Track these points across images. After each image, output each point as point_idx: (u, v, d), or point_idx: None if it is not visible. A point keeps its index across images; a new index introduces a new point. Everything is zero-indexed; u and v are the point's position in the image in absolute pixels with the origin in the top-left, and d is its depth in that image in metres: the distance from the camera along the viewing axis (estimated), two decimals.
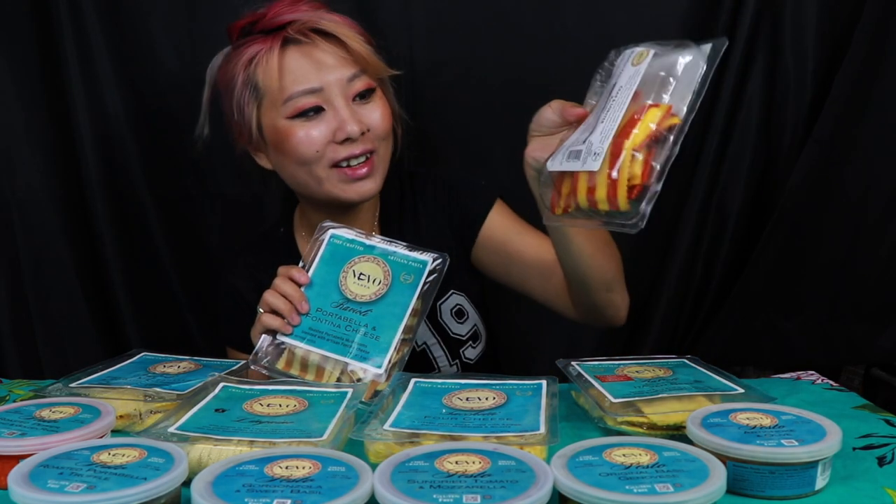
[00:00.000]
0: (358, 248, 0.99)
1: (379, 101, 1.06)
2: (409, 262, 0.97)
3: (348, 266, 0.98)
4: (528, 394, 0.84)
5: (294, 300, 0.95)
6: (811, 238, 1.33)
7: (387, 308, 0.95)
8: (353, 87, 1.03)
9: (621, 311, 1.08)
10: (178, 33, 1.28)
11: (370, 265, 0.97)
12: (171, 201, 1.35)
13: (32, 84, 1.29)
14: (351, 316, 0.95)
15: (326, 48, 1.02)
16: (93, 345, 1.36)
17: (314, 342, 0.94)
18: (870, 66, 1.24)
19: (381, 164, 1.07)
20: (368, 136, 1.03)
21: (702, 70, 0.79)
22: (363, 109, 1.04)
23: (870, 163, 1.30)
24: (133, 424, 0.85)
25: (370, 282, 0.96)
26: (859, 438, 0.82)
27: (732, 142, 1.32)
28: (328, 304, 0.96)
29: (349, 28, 1.04)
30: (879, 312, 1.36)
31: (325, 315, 0.95)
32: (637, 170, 0.78)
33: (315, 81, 1.01)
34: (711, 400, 0.83)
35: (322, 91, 1.02)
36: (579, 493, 0.62)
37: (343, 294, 0.96)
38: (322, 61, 1.01)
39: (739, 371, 1.42)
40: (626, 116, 0.79)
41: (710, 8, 1.28)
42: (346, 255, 0.98)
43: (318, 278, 0.97)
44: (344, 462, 0.67)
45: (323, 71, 1.01)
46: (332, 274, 0.97)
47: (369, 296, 0.96)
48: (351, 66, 1.02)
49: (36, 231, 1.31)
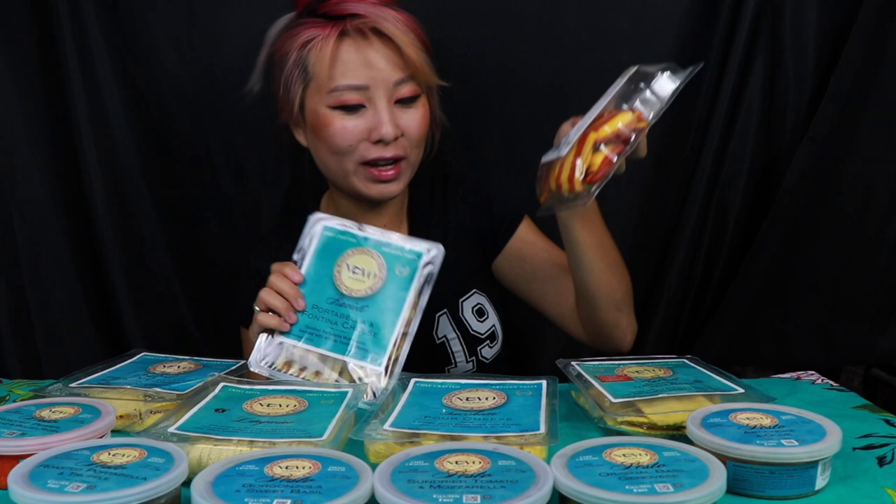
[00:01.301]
0: (350, 239, 0.98)
1: (420, 108, 1.06)
2: (403, 254, 0.96)
3: (342, 259, 0.97)
4: (528, 394, 0.84)
5: (290, 298, 0.94)
6: (811, 238, 1.33)
7: (383, 303, 0.94)
8: (398, 91, 1.04)
9: (627, 335, 1.10)
10: (178, 33, 1.28)
11: (364, 258, 0.96)
12: (171, 201, 1.35)
13: (32, 84, 1.29)
14: (347, 312, 0.94)
15: (380, 49, 1.02)
16: (93, 345, 1.36)
17: (312, 340, 0.94)
18: (868, 65, 1.25)
19: (409, 169, 1.08)
20: (402, 142, 1.05)
21: (676, 87, 0.90)
22: (403, 114, 1.05)
23: (870, 163, 1.30)
24: (133, 424, 0.85)
25: (365, 276, 0.95)
26: (859, 438, 0.82)
27: (732, 142, 1.32)
28: (324, 301, 0.95)
29: (408, 31, 1.04)
30: (879, 312, 1.36)
31: (322, 312, 0.95)
32: (598, 160, 0.87)
33: (362, 79, 1.02)
34: (711, 400, 0.83)
35: (367, 90, 1.03)
36: (579, 493, 0.62)
37: (338, 290, 0.95)
38: (373, 61, 1.02)
39: (739, 371, 1.42)
40: (602, 115, 0.90)
41: (710, 8, 1.28)
42: (339, 248, 0.97)
43: (312, 274, 0.96)
44: (344, 462, 0.67)
45: (372, 70, 1.02)
46: (325, 268, 0.96)
47: (364, 290, 0.95)
48: (401, 70, 1.03)
49: (36, 231, 1.31)
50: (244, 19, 1.28)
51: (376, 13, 1.03)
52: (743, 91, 1.30)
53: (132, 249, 1.34)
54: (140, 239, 1.35)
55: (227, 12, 1.28)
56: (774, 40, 1.29)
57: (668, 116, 1.31)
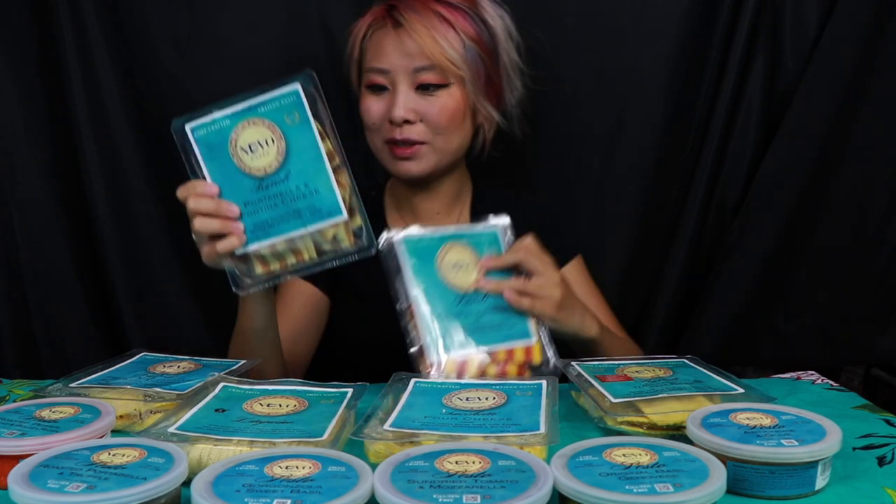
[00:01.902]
0: (225, 123, 0.90)
1: (445, 97, 1.08)
2: (281, 102, 0.89)
3: (232, 147, 0.90)
4: (528, 394, 0.84)
5: (222, 213, 0.90)
6: (811, 238, 1.33)
7: (298, 158, 0.89)
8: (419, 77, 1.07)
9: None
10: (178, 33, 1.28)
11: (251, 130, 0.90)
12: (171, 201, 1.35)
13: (32, 84, 1.29)
14: (277, 190, 0.90)
15: (413, 35, 1.06)
16: (93, 345, 1.36)
17: (269, 234, 0.90)
18: (865, 65, 1.25)
19: (433, 154, 1.10)
20: (419, 127, 1.08)
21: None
22: (423, 100, 1.08)
23: (870, 162, 1.30)
24: (133, 424, 0.85)
25: (264, 146, 0.90)
26: (859, 438, 0.82)
27: (732, 142, 1.32)
28: (249, 193, 0.90)
29: (441, 23, 1.07)
30: (879, 312, 1.36)
31: (255, 205, 0.90)
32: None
33: (386, 63, 1.08)
34: (711, 400, 0.83)
35: (389, 73, 1.08)
36: (579, 493, 0.62)
37: (251, 176, 0.90)
38: (402, 47, 1.06)
39: (739, 371, 1.42)
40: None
41: (710, 8, 1.28)
42: (222, 138, 0.90)
43: (216, 178, 0.91)
44: (344, 462, 0.67)
45: (397, 56, 1.07)
46: (225, 165, 0.90)
47: (274, 161, 0.90)
48: (425, 58, 1.06)
49: (36, 231, 1.31)
50: (244, 19, 1.28)
51: (408, 5, 1.07)
52: (743, 91, 1.30)
53: (132, 249, 1.34)
54: (140, 239, 1.34)
55: (227, 12, 1.28)
56: (774, 40, 1.29)
57: (669, 116, 1.33)
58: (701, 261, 1.37)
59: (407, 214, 1.19)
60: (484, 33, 1.10)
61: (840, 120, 1.27)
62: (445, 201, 1.19)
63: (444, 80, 1.08)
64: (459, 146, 1.13)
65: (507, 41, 1.14)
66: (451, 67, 1.07)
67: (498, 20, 1.13)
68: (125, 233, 1.33)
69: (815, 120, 1.27)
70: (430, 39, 1.05)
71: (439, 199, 1.18)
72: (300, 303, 1.16)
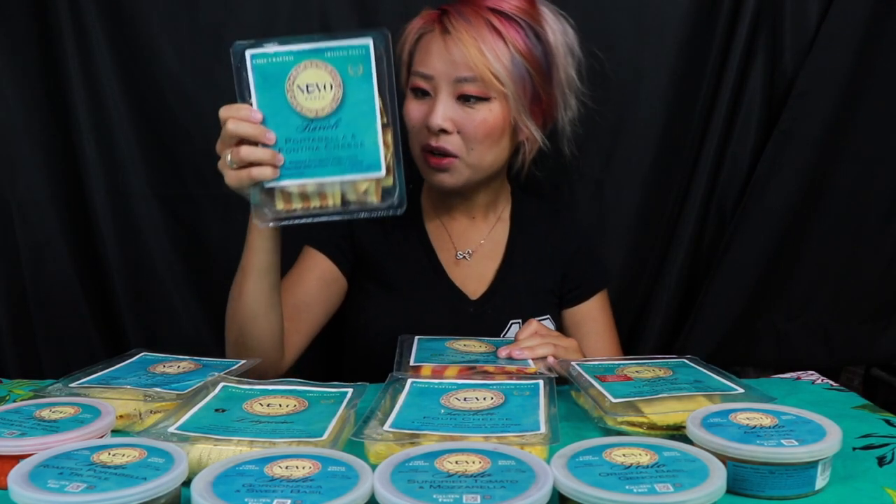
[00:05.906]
0: (288, 58, 0.89)
1: (484, 111, 1.05)
2: (349, 52, 0.89)
3: (289, 83, 0.89)
4: (526, 394, 0.84)
5: (259, 137, 0.89)
6: (811, 238, 1.33)
7: (351, 110, 0.89)
8: (460, 87, 1.05)
9: None
10: (178, 33, 1.28)
11: (312, 72, 0.89)
12: (172, 201, 1.35)
13: (32, 84, 1.29)
14: (323, 134, 0.89)
15: (459, 44, 1.04)
16: (93, 345, 1.36)
17: (303, 174, 0.90)
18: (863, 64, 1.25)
19: (466, 168, 1.08)
20: (454, 138, 1.06)
21: None
22: (463, 111, 1.05)
23: (870, 162, 1.30)
24: (133, 424, 0.85)
25: (322, 90, 0.89)
26: (859, 438, 0.82)
27: (732, 142, 1.32)
28: (294, 131, 0.89)
29: (491, 32, 1.04)
30: (879, 312, 1.36)
31: (297, 143, 0.89)
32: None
33: (430, 69, 1.06)
34: (711, 400, 0.83)
35: (433, 79, 1.06)
36: (579, 493, 0.62)
37: (302, 115, 0.89)
38: (447, 54, 1.04)
39: (739, 371, 1.42)
40: None
41: (710, 8, 1.28)
42: (281, 71, 0.89)
43: (265, 108, 0.89)
44: (344, 462, 0.67)
45: (441, 63, 1.05)
46: (277, 98, 0.89)
47: (328, 106, 0.89)
48: (469, 69, 1.03)
49: (36, 231, 1.31)
50: (244, 19, 1.28)
51: (460, 11, 1.05)
52: (743, 91, 1.30)
53: (132, 249, 1.34)
54: (140, 239, 1.34)
55: (227, 12, 1.28)
56: (774, 40, 1.29)
57: (669, 116, 1.33)
58: (700, 261, 1.37)
59: (443, 214, 1.20)
60: (536, 48, 1.06)
61: (839, 120, 1.27)
62: (481, 210, 1.19)
63: (486, 94, 1.05)
64: (493, 162, 1.10)
65: (567, 57, 1.11)
66: (493, 81, 1.03)
67: (559, 35, 1.10)
68: (125, 233, 1.33)
69: (814, 120, 1.27)
70: (475, 50, 1.03)
71: (475, 207, 1.19)
72: (315, 274, 1.16)
